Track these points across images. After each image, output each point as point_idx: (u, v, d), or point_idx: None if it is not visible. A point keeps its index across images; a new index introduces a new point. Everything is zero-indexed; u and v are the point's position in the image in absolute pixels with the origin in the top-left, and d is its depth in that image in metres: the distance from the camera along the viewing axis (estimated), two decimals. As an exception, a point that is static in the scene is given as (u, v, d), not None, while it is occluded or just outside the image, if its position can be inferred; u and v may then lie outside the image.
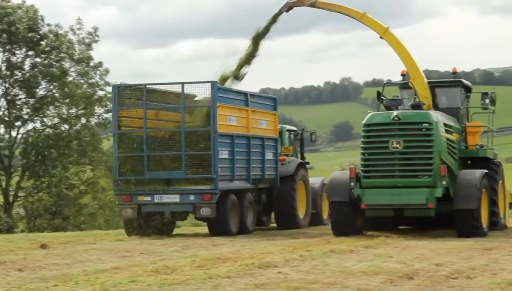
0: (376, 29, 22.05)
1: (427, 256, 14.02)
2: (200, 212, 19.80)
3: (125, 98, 20.61)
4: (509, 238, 17.91)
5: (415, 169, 19.04)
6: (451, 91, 21.60)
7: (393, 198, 18.88)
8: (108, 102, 38.60)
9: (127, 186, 20.47)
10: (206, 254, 15.05)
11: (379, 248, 15.83)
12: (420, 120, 19.14)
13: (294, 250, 15.04)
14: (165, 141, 20.71)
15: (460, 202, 18.80)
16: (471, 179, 19.12)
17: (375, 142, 19.36)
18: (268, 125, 22.73)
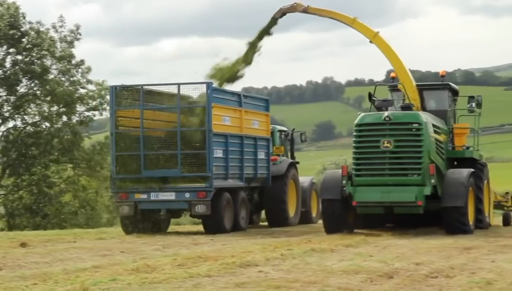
0: (366, 34, 22.84)
1: (407, 255, 14.09)
2: (195, 209, 20.26)
3: (122, 98, 21.07)
4: (488, 238, 18.01)
5: (405, 168, 19.62)
6: (439, 94, 22.25)
7: (383, 196, 19.44)
8: (90, 100, 38.53)
9: (124, 184, 20.89)
10: (187, 252, 15.05)
11: (359, 247, 15.89)
12: (410, 120, 19.79)
13: (275, 249, 15.05)
14: (161, 141, 21.27)
15: (448, 200, 19.37)
16: (458, 177, 19.73)
17: (367, 141, 19.95)
18: (260, 125, 23.35)
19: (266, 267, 12.35)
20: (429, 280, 11.13)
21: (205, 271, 11.70)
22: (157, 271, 11.86)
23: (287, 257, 13.65)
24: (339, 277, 11.22)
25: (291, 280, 10.92)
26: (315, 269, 12.05)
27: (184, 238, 19.13)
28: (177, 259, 13.36)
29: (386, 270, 11.87)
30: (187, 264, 12.71)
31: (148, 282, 10.74)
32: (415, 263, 12.76)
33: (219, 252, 14.83)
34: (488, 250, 15.20)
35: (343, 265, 12.55)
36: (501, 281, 10.89)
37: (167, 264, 12.73)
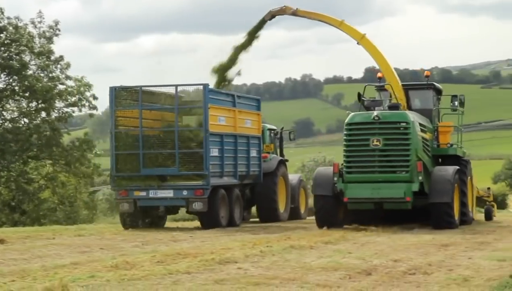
0: (354, 36, 23.70)
1: (385, 252, 14.17)
2: (193, 206, 21.01)
3: (121, 99, 21.77)
4: (465, 234, 18.14)
5: (393, 165, 20.47)
6: (424, 94, 23.13)
7: (373, 192, 20.32)
8: (69, 96, 38.33)
9: (123, 181, 21.61)
10: (166, 249, 15.04)
11: (338, 244, 15.96)
12: (398, 120, 20.57)
13: (254, 246, 15.08)
14: (160, 140, 21.96)
15: (435, 196, 20.31)
16: (445, 174, 20.67)
17: (357, 140, 20.77)
18: (252, 124, 24.12)
19: (245, 263, 12.38)
20: (407, 276, 11.20)
21: (184, 267, 11.72)
22: (136, 267, 11.86)
23: (266, 254, 13.69)
24: (318, 274, 11.27)
25: (270, 277, 10.96)
26: (294, 266, 12.10)
27: (163, 234, 19.12)
28: (156, 256, 13.36)
29: (365, 267, 11.94)
30: (166, 261, 12.72)
31: (127, 278, 10.74)
32: (393, 260, 12.84)
33: (198, 249, 14.85)
34: (466, 247, 15.32)
35: (322, 262, 12.60)
36: (478, 277, 10.98)
37: (146, 260, 12.73)
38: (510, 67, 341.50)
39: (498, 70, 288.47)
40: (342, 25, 23.87)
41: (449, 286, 10.38)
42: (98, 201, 57.70)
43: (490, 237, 17.48)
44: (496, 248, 15.06)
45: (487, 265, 12.33)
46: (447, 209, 20.27)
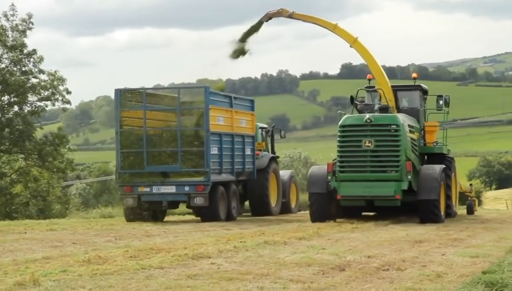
0: (347, 39, 24.87)
1: (359, 248, 14.16)
2: (194, 201, 22.29)
3: (126, 100, 23.06)
4: (439, 231, 18.19)
5: (384, 165, 21.64)
6: (411, 94, 24.36)
7: (365, 190, 21.53)
8: (42, 90, 38.05)
9: (128, 178, 22.84)
10: (140, 244, 14.96)
11: (312, 239, 15.94)
12: (389, 122, 21.75)
13: (228, 241, 15.03)
14: (163, 139, 23.26)
15: (424, 193, 21.54)
16: (432, 173, 21.94)
17: (350, 141, 21.90)
18: (247, 124, 25.55)
19: (219, 259, 12.32)
20: (380, 272, 11.21)
21: (157, 262, 11.64)
22: (109, 262, 11.77)
23: (240, 249, 13.63)
24: (292, 270, 11.24)
25: (243, 272, 10.91)
26: (268, 261, 12.06)
27: (136, 229, 19.04)
28: (129, 251, 13.28)
29: (338, 263, 11.93)
30: (139, 256, 12.64)
31: (100, 273, 10.65)
32: (367, 256, 12.84)
33: (171, 244, 14.77)
34: (439, 243, 15.35)
35: (295, 257, 12.57)
36: (451, 274, 11.01)
37: (119, 255, 12.64)
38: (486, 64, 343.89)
39: (474, 68, 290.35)
40: (336, 29, 24.92)
41: (422, 282, 10.39)
42: (71, 195, 57.37)
43: (463, 234, 17.55)
44: (469, 245, 15.11)
45: (460, 262, 12.37)
46: (434, 205, 21.41)
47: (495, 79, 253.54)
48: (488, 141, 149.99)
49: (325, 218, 21.79)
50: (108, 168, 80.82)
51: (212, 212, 22.59)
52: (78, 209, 43.34)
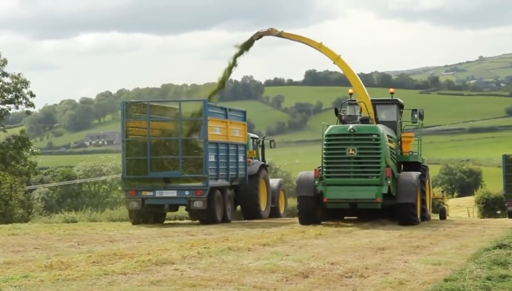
0: (331, 56, 27.22)
1: (322, 255, 14.21)
2: (194, 204, 24.24)
3: (132, 112, 24.87)
4: (402, 238, 18.31)
5: (366, 171, 23.70)
6: (389, 108, 26.65)
7: (349, 194, 23.64)
8: (5, 93, 37.72)
9: (133, 183, 24.63)
10: (103, 250, 14.87)
11: (276, 246, 15.95)
12: (370, 132, 23.83)
13: (192, 247, 14.99)
14: (165, 147, 25.16)
15: (402, 197, 23.70)
16: (410, 179, 24.15)
17: (335, 149, 23.88)
18: (240, 133, 27.49)
19: (182, 265, 12.29)
20: (343, 279, 11.25)
21: (120, 268, 11.57)
22: (71, 268, 11.69)
23: (204, 255, 13.60)
24: (255, 276, 11.25)
25: (207, 279, 10.90)
26: (231, 268, 12.05)
27: (100, 235, 18.92)
28: (92, 256, 13.19)
29: (302, 270, 11.96)
30: (102, 261, 12.56)
31: (62, 279, 10.56)
32: (330, 263, 12.88)
33: (135, 250, 14.70)
34: (402, 250, 15.44)
35: (259, 264, 12.57)
36: (413, 281, 11.09)
37: (82, 261, 12.55)
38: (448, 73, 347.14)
39: (436, 76, 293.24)
40: (321, 47, 27.24)
41: (384, 289, 10.46)
42: (34, 200, 56.83)
43: (426, 241, 17.67)
44: (432, 252, 15.23)
45: (422, 269, 12.46)
46: (411, 208, 23.61)
47: (456, 87, 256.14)
48: (450, 149, 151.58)
49: (312, 220, 23.65)
50: (71, 172, 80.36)
51: (209, 215, 24.49)
52: (41, 214, 43.03)
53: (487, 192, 56.18)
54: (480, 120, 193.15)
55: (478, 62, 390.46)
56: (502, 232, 19.89)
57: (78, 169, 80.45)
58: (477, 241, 17.76)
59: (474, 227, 23.21)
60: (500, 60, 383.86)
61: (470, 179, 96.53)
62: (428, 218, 25.96)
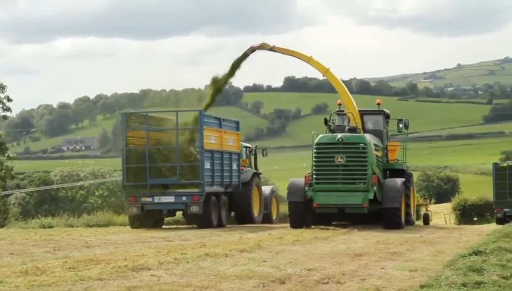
0: (320, 69, 29.05)
1: (299, 261, 14.20)
2: (191, 209, 25.44)
3: (131, 122, 26.17)
4: (379, 245, 18.36)
5: (354, 178, 25.06)
6: (376, 118, 28.17)
7: (337, 199, 25.02)
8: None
9: (133, 189, 25.79)
10: (79, 255, 14.78)
11: (253, 252, 15.93)
12: (358, 141, 25.24)
13: (169, 253, 14.94)
14: (163, 155, 26.25)
15: (388, 202, 25.05)
16: (395, 185, 25.51)
17: (324, 157, 25.27)
18: (233, 142, 28.76)
19: (159, 271, 12.24)
20: (320, 286, 11.25)
21: (96, 274, 11.51)
22: (47, 273, 11.61)
23: (181, 261, 13.55)
24: (232, 282, 11.22)
25: (183, 285, 10.86)
26: (208, 274, 12.02)
27: (76, 240, 18.81)
28: (68, 262, 13.10)
29: (279, 276, 11.95)
30: (78, 267, 12.49)
31: (37, 284, 10.49)
32: (307, 269, 12.88)
33: (111, 255, 14.63)
34: (379, 256, 15.47)
35: (236, 270, 12.55)
36: (390, 287, 11.11)
37: (58, 266, 12.47)
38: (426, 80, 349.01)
39: (415, 83, 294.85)
40: (311, 60, 28.93)
41: (361, 295, 10.46)
42: (10, 205, 56.46)
43: (402, 248, 17.72)
44: (408, 259, 15.27)
45: (398, 275, 12.49)
46: (396, 213, 24.93)
47: (434, 95, 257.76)
48: (428, 156, 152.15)
49: (303, 224, 25.07)
50: (48, 177, 79.93)
51: (205, 219, 25.69)
52: (17, 219, 42.73)
53: (464, 198, 56.53)
54: (458, 128, 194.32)
55: (456, 70, 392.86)
56: (478, 239, 19.98)
57: (55, 174, 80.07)
58: (453, 247, 17.83)
59: (451, 233, 23.31)
60: (477, 68, 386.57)
61: (448, 186, 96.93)
62: (412, 222, 27.46)
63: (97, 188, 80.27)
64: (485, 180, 58.54)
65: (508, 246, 14.64)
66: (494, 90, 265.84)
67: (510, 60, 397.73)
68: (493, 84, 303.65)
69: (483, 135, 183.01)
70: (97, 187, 79.95)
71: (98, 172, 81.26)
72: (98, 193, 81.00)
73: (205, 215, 25.58)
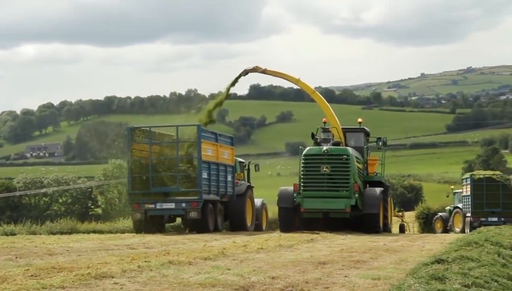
0: (307, 90, 32.96)
1: (263, 269, 14.20)
2: (189, 215, 28.17)
3: (135, 136, 28.93)
4: (343, 253, 18.42)
5: (337, 185, 28.11)
6: (357, 136, 31.67)
7: (322, 204, 28.18)
8: None
9: (137, 197, 28.51)
10: (41, 263, 14.65)
11: (217, 260, 15.90)
12: (341, 153, 28.38)
13: (132, 261, 14.84)
14: (165, 166, 29.03)
15: (367, 208, 28.26)
16: (374, 193, 28.78)
17: (311, 167, 28.41)
18: (228, 156, 31.54)
19: (122, 279, 12.17)
20: (284, 294, 11.24)
21: (58, 282, 11.41)
22: (8, 281, 11.49)
23: (144, 269, 13.48)
24: (195, 290, 11.19)
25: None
26: (172, 282, 11.98)
27: (38, 248, 18.63)
28: (30, 270, 12.98)
29: (242, 284, 11.94)
30: (40, 275, 12.37)
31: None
32: (271, 277, 12.88)
33: (74, 263, 14.52)
34: (342, 265, 15.52)
35: (200, 278, 12.51)
36: (353, 295, 11.14)
37: (19, 274, 12.34)
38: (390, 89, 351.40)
39: (379, 92, 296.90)
40: (299, 82, 32.68)
41: (324, 303, 10.48)
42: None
43: (366, 256, 17.79)
44: (372, 267, 15.34)
45: (362, 283, 12.54)
46: (375, 218, 28.02)
47: (398, 104, 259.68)
48: (392, 164, 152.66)
49: (291, 228, 27.79)
50: (11, 184, 79.10)
51: (203, 224, 28.34)
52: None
53: (427, 207, 56.95)
54: (421, 137, 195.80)
55: (420, 79, 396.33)
56: (441, 247, 20.12)
57: (18, 181, 79.30)
58: (416, 256, 17.94)
59: (414, 242, 23.45)
60: (441, 78, 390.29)
61: (411, 194, 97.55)
62: (389, 230, 30.74)
63: (61, 195, 79.67)
64: (448, 189, 58.96)
65: (470, 254, 14.76)
66: (457, 99, 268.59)
67: (472, 70, 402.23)
68: (456, 93, 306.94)
69: (446, 144, 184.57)
70: (61, 194, 79.36)
71: (61, 179, 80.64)
72: (61, 200, 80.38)
73: (203, 220, 28.24)
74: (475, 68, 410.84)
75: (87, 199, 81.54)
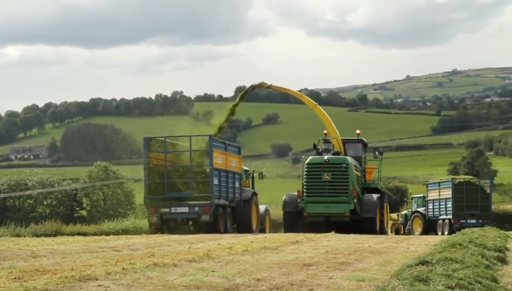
0: (309, 104, 35.77)
1: (248, 271, 14.18)
2: (202, 218, 30.66)
3: (151, 146, 31.70)
4: (328, 255, 18.43)
5: (337, 191, 31.42)
6: (356, 146, 34.87)
7: (324, 209, 31.39)
8: None
9: (153, 201, 31.06)
10: (25, 265, 14.58)
11: (202, 262, 15.87)
12: (341, 162, 31.78)
13: (117, 263, 14.80)
14: (179, 173, 31.80)
15: (365, 213, 31.51)
16: (371, 198, 32.02)
17: (314, 174, 31.86)
18: (236, 164, 34.21)
19: (107, 281, 12.13)
20: (268, 295, 11.23)
21: (42, 285, 11.36)
22: (-9, 284, 11.42)
23: (129, 271, 13.44)
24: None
25: (131, 295, 10.77)
26: (156, 284, 11.95)
27: (22, 250, 18.55)
28: (13, 272, 12.92)
29: (227, 286, 11.92)
30: (23, 277, 12.31)
31: (-19, 295, 10.33)
32: (256, 279, 12.87)
33: (58, 265, 14.46)
34: (327, 266, 15.52)
35: (184, 280, 12.49)
36: (338, 297, 11.14)
37: (2, 277, 12.28)
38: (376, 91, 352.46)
39: (365, 94, 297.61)
40: (302, 97, 36.31)
41: (309, 305, 10.47)
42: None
43: (351, 258, 17.80)
44: (356, 268, 15.35)
45: (346, 285, 12.55)
46: (372, 222, 30.93)
47: (384, 106, 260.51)
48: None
49: (295, 231, 29.46)
50: (-6, 186, 78.69)
51: (214, 226, 30.58)
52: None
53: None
54: (407, 139, 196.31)
55: (405, 81, 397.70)
56: (425, 249, 20.18)
57: (2, 183, 78.95)
58: (401, 257, 17.97)
59: (399, 243, 23.51)
60: (426, 80, 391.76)
61: (397, 196, 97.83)
62: (386, 232, 33.49)
63: (46, 197, 79.37)
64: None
65: (454, 256, 14.81)
66: (442, 102, 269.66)
67: (457, 73, 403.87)
68: (441, 96, 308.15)
69: (431, 146, 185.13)
70: (46, 196, 79.06)
71: (46, 181, 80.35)
72: (46, 202, 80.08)
73: (214, 223, 30.64)
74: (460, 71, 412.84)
75: (72, 201, 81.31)
